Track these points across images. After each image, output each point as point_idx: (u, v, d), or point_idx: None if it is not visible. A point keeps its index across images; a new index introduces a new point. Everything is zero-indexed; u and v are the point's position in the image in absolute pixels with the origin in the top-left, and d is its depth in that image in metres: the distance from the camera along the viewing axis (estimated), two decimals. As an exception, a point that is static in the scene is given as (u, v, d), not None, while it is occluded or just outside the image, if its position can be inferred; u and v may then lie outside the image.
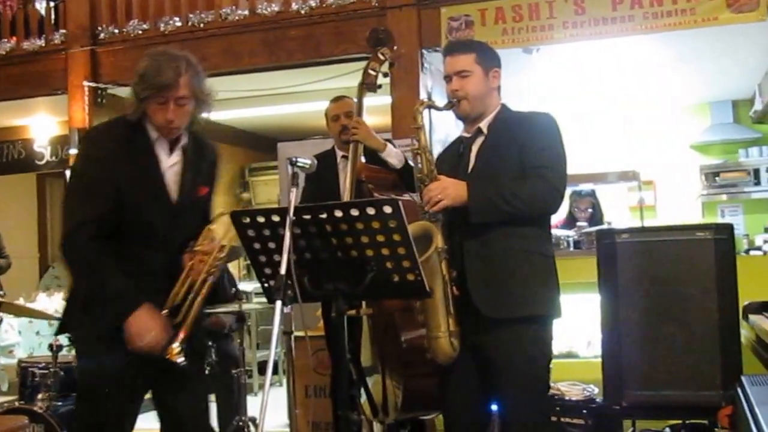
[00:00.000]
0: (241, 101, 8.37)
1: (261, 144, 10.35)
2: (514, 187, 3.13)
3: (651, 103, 9.42)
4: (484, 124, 3.34)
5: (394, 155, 4.19)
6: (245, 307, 4.93)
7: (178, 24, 7.20)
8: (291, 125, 9.42)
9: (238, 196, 10.33)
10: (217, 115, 9.03)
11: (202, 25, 7.14)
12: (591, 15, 6.25)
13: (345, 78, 6.70)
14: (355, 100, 4.32)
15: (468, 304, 3.14)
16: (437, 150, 3.89)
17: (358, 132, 4.18)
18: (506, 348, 3.14)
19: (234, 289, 5.37)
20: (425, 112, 3.60)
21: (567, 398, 4.30)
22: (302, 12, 6.87)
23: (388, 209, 2.62)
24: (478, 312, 3.13)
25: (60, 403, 4.39)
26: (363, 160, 4.21)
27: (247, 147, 10.45)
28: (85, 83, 7.40)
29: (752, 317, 4.05)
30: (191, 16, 7.18)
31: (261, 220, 2.79)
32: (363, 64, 4.41)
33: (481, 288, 3.14)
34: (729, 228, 3.96)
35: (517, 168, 3.19)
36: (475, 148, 3.33)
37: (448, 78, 3.37)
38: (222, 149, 10.40)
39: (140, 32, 7.31)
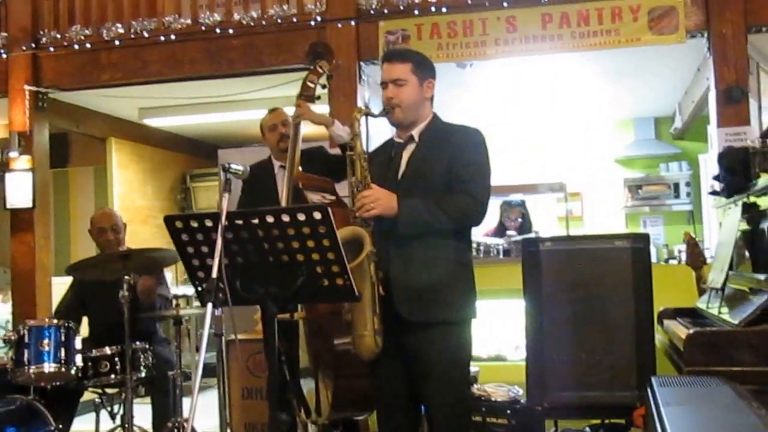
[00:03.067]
0: (182, 108, 8.30)
1: (202, 150, 10.27)
2: (440, 202, 3.17)
3: (579, 119, 9.59)
4: (416, 132, 3.38)
5: (341, 130, 4.19)
6: (184, 311, 4.87)
7: (121, 31, 7.11)
8: (232, 132, 9.36)
9: (178, 202, 10.23)
10: (158, 122, 8.95)
11: (144, 32, 7.06)
12: (522, 33, 6.36)
13: (285, 87, 6.70)
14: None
15: (392, 306, 3.17)
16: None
17: (303, 111, 4.20)
18: (428, 349, 3.18)
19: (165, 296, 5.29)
20: (363, 120, 3.62)
21: (493, 399, 4.34)
22: (244, 22, 6.84)
23: (317, 215, 2.63)
24: (401, 315, 3.17)
25: (-5, 404, 4.31)
26: (300, 169, 4.22)
27: (189, 153, 10.34)
28: (26, 87, 7.25)
29: (666, 322, 4.16)
30: (134, 23, 7.10)
31: (194, 224, 2.78)
32: (303, 74, 4.41)
33: (403, 293, 3.18)
34: (645, 237, 4.05)
35: (443, 177, 3.24)
36: (405, 155, 3.36)
37: (384, 84, 3.40)
38: (163, 155, 10.40)
39: (82, 37, 7.20)
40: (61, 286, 6.36)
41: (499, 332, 5.77)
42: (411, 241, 3.18)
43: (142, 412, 4.84)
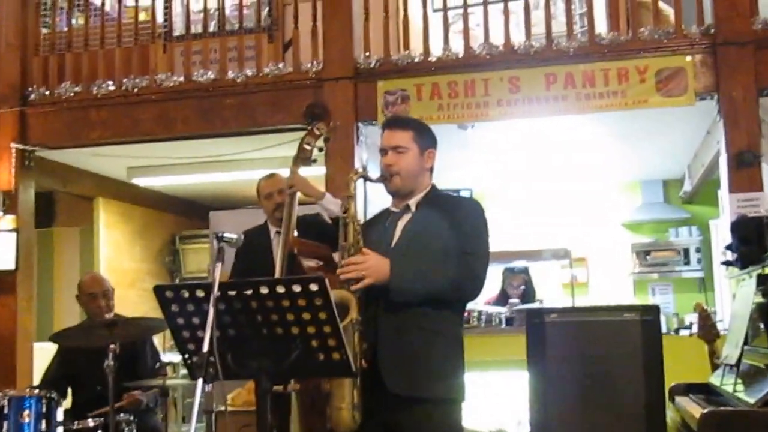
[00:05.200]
0: (173, 168, 8.34)
1: (193, 212, 10.30)
2: (436, 271, 3.18)
3: (584, 181, 9.63)
4: (412, 202, 3.40)
5: (333, 203, 4.23)
6: (170, 381, 4.83)
7: (111, 88, 7.17)
8: (224, 193, 9.40)
9: (166, 264, 10.22)
10: (148, 181, 8.98)
11: (135, 89, 7.11)
12: (525, 94, 6.42)
13: (280, 147, 6.73)
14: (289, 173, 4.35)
15: (377, 379, 3.15)
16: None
17: (295, 182, 4.24)
18: (415, 428, 3.15)
19: (158, 363, 5.28)
20: (359, 183, 3.64)
21: (494, 478, 4.29)
22: (238, 80, 6.91)
23: (314, 287, 2.63)
24: (387, 388, 3.14)
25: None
26: (296, 233, 4.23)
27: (179, 214, 10.38)
28: (13, 145, 7.29)
29: (678, 399, 4.12)
30: (125, 80, 7.16)
31: (185, 295, 2.77)
32: (299, 134, 4.46)
33: (391, 364, 3.16)
34: (656, 310, 4.03)
35: (440, 249, 3.24)
36: (401, 224, 3.38)
37: (383, 151, 3.43)
38: (152, 216, 10.40)
39: (72, 95, 7.25)
40: (43, 351, 6.31)
41: (501, 405, 5.72)
42: (402, 310, 3.17)
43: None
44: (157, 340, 5.58)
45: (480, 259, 3.25)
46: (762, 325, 3.62)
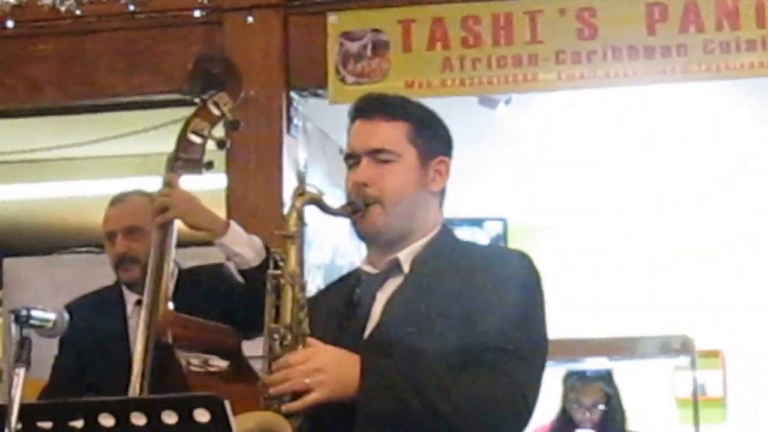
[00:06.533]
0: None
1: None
2: (444, 378, 3.16)
3: (716, 210, 9.72)
4: (405, 256, 3.40)
5: (245, 244, 4.23)
6: None
7: None
8: (31, 225, 9.39)
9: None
10: None
11: None
12: (608, 41, 6.46)
13: (143, 139, 6.74)
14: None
15: None
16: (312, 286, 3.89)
17: (169, 201, 4.22)
18: None
19: None
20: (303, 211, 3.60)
21: None
22: (62, 8, 6.88)
23: (203, 416, 2.61)
24: None
25: None
26: (171, 305, 4.20)
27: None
28: None
29: None
30: None
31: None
32: (182, 112, 4.43)
33: None
34: None
35: (453, 342, 3.22)
36: (382, 297, 3.37)
37: (352, 158, 3.41)
38: None
39: None
40: None
41: None
42: None
43: None
44: None
45: (523, 359, 3.22)
46: None
